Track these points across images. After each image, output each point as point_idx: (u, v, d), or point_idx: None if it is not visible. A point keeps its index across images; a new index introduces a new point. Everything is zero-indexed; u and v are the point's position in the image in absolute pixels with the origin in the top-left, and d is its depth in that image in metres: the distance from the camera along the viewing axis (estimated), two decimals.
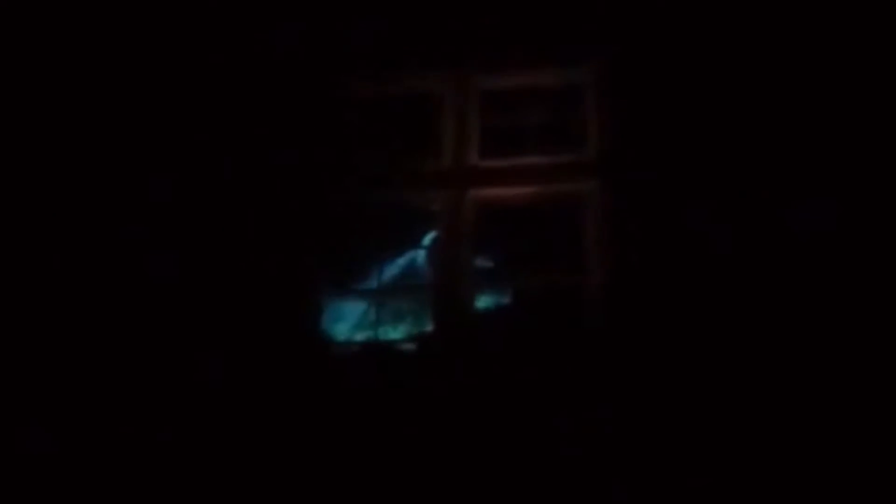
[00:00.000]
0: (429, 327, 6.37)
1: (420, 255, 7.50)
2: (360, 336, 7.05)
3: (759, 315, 5.29)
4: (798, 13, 5.69)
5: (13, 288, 5.59)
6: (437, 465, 5.26)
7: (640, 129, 5.76)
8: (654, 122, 5.74)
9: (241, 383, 5.50)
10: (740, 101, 5.62)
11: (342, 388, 5.58)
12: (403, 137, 6.31)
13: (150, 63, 6.00)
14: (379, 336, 6.95)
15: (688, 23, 5.80)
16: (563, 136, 6.20)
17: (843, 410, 5.02)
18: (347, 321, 7.27)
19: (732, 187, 5.52)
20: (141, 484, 5.29)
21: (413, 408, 5.47)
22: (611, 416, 5.21)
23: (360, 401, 5.51)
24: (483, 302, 6.75)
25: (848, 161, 5.45)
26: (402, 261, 7.53)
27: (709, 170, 5.58)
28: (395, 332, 7.25)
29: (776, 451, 5.04)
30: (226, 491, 5.28)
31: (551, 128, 6.34)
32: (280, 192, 5.87)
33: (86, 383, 5.49)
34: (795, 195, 5.36)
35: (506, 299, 6.85)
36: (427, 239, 7.59)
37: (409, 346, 6.89)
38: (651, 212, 5.59)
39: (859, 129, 5.47)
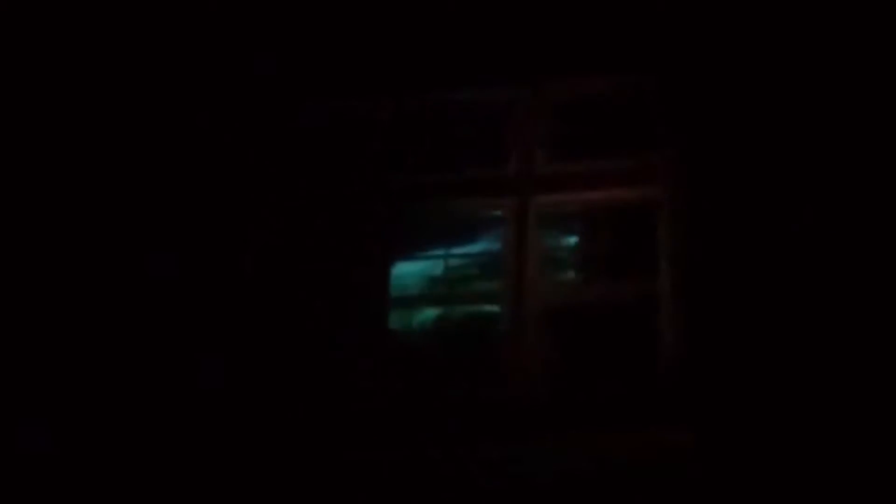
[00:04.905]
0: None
1: None
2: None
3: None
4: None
5: (13, 288, 5.55)
6: None
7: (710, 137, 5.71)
8: (722, 127, 5.69)
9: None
10: (811, 102, 5.51)
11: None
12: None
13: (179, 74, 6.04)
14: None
15: (750, 28, 5.74)
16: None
17: None
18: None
19: (805, 189, 5.41)
20: (148, 483, 5.26)
21: None
22: None
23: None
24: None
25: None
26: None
27: (779, 173, 5.50)
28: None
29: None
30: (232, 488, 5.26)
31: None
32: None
33: (97, 380, 5.45)
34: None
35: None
36: None
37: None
38: (721, 217, 5.54)
39: None
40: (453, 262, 6.62)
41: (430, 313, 6.61)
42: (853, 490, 4.70)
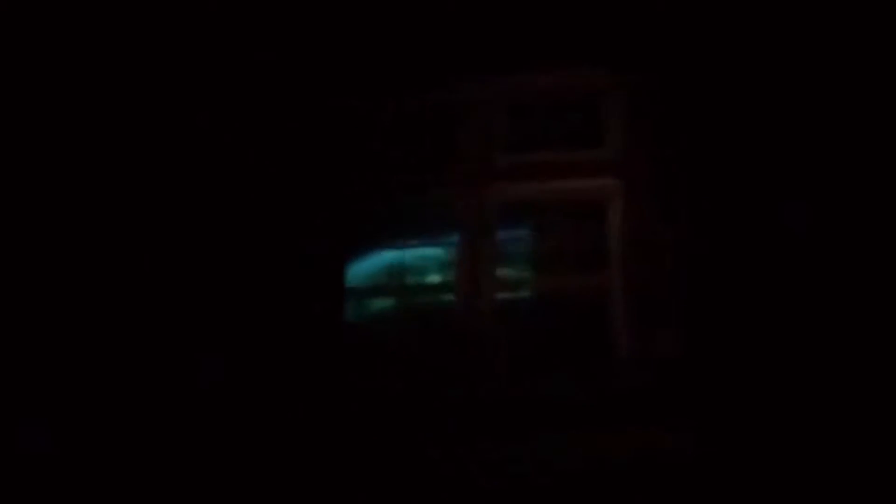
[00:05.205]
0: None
1: None
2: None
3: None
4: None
5: (14, 289, 5.49)
6: None
7: (661, 131, 5.80)
8: (675, 125, 5.78)
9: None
10: (761, 106, 5.62)
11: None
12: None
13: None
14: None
15: (711, 37, 5.83)
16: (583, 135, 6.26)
17: None
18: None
19: (749, 188, 5.54)
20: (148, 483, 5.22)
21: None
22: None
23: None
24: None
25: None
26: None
27: (731, 172, 5.61)
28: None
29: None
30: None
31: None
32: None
33: (97, 380, 5.42)
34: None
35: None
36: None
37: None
38: (670, 209, 5.65)
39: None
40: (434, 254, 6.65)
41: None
42: (853, 489, 4.82)
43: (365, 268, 6.66)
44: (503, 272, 6.62)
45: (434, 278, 6.69)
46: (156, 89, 5.87)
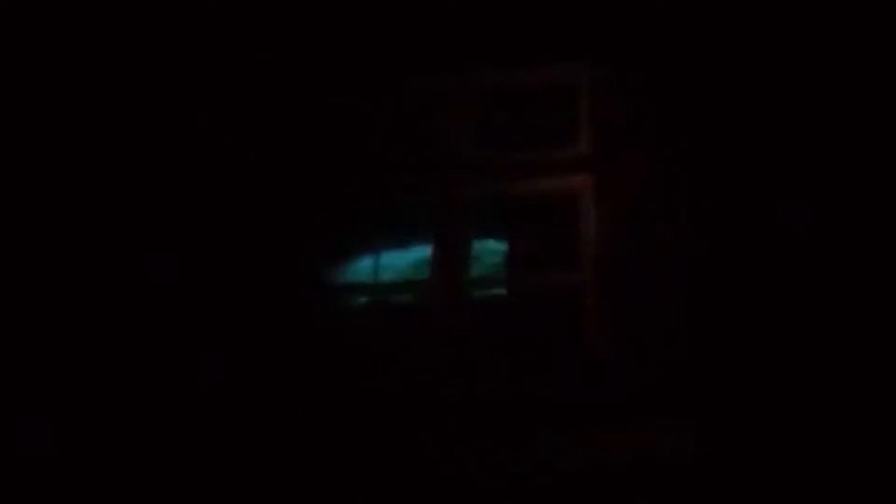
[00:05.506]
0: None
1: None
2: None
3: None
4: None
5: (14, 288, 5.44)
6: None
7: (634, 127, 5.84)
8: (648, 122, 5.82)
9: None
10: (755, 104, 5.67)
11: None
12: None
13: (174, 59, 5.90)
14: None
15: (685, 26, 5.87)
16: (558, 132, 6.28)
17: None
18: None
19: (725, 187, 5.58)
20: (148, 483, 5.20)
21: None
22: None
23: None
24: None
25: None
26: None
27: (704, 168, 5.66)
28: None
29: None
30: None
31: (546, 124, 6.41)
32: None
33: (97, 380, 5.40)
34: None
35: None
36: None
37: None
38: (642, 210, 5.69)
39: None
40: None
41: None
42: (853, 489, 4.88)
43: (357, 268, 6.66)
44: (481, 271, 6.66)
45: (412, 277, 6.70)
46: (154, 89, 5.82)
